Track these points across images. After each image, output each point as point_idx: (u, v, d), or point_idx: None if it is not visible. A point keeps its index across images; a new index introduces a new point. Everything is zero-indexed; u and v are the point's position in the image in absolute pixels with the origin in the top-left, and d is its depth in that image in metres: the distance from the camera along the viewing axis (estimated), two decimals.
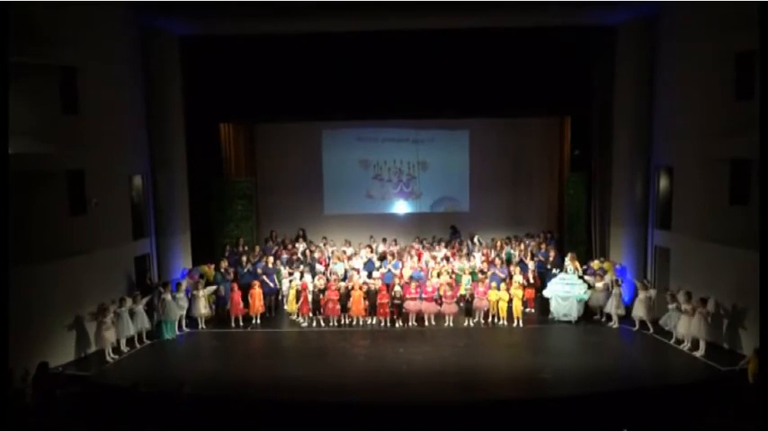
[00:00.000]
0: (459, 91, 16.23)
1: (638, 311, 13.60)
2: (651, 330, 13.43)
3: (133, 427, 8.69)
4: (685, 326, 12.30)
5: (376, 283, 14.51)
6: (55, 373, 10.79)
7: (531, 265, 15.75)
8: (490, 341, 13.45)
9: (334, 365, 11.97)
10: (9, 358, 9.39)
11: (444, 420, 9.47)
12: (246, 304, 14.56)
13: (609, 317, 14.24)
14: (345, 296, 14.15)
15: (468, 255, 16.56)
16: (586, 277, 14.73)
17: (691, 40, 13.23)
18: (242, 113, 17.36)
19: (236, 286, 14.59)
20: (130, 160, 14.51)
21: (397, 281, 14.51)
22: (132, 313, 12.91)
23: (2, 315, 9.46)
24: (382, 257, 16.30)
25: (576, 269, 14.92)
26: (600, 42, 15.79)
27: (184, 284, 14.18)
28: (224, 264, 15.29)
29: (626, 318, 14.03)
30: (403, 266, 15.62)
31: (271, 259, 15.64)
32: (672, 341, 12.78)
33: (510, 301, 14.16)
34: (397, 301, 14.11)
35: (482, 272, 15.17)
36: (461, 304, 14.50)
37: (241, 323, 14.47)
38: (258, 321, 14.60)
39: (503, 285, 14.31)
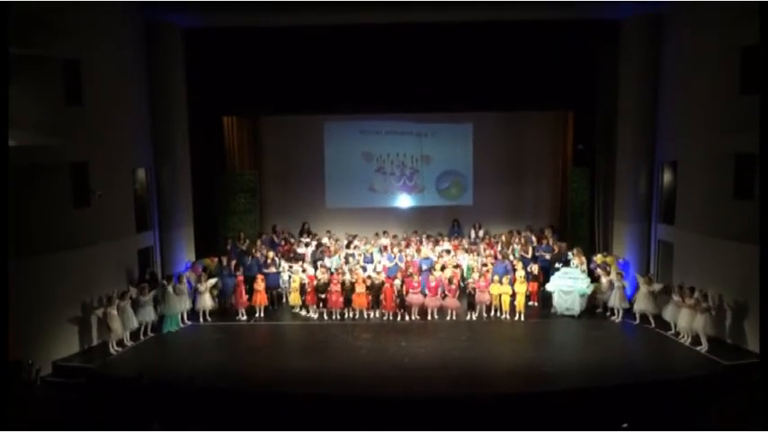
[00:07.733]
0: (463, 85, 16.19)
1: (642, 305, 13.58)
2: (653, 325, 13.43)
3: (137, 418, 8.73)
4: (686, 320, 12.30)
5: (379, 277, 14.53)
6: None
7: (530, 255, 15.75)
8: (492, 335, 13.46)
9: (336, 358, 11.98)
10: (16, 351, 9.44)
11: (446, 413, 9.50)
12: (250, 297, 14.61)
13: (612, 311, 14.25)
14: (350, 290, 14.18)
15: (478, 253, 16.44)
16: (596, 270, 14.69)
17: (695, 34, 13.18)
18: (245, 106, 17.34)
19: (241, 280, 14.59)
20: (134, 153, 14.53)
21: (399, 274, 14.52)
22: (137, 305, 12.92)
23: (2, 307, 9.49)
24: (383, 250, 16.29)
25: (581, 263, 14.91)
26: (604, 37, 15.70)
27: (187, 277, 14.20)
28: (224, 258, 15.24)
29: (628, 312, 14.02)
30: (409, 261, 15.59)
31: (271, 254, 15.62)
32: (670, 333, 12.84)
33: (513, 295, 14.16)
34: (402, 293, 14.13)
35: (484, 265, 15.15)
36: (465, 300, 14.47)
37: (245, 316, 14.53)
38: (261, 314, 14.65)
39: (506, 279, 14.30)
